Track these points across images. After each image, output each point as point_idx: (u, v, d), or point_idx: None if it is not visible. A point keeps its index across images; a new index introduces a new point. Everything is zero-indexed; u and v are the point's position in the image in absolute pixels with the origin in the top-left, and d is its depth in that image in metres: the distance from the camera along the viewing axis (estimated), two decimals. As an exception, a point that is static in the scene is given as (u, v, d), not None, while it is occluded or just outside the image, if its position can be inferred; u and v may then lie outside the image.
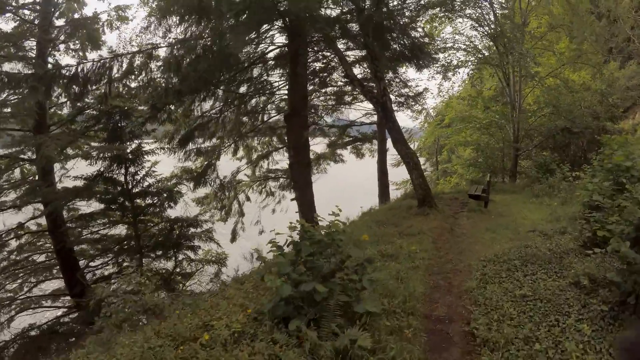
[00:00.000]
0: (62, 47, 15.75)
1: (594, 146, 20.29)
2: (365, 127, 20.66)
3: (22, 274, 15.54)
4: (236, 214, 19.52)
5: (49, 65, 14.26)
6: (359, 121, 20.31)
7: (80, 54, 16.01)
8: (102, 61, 12.42)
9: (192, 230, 17.02)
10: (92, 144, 16.82)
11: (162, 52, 13.60)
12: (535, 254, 7.37)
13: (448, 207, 13.23)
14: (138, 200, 15.94)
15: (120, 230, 16.78)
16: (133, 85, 14.75)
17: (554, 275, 6.39)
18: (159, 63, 12.90)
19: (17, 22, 14.65)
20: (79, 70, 12.36)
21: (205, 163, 16.69)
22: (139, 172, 15.52)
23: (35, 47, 14.49)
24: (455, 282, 7.02)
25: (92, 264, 16.56)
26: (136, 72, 13.00)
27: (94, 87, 13.29)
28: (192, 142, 15.85)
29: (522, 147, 19.98)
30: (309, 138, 16.63)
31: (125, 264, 16.23)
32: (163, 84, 13.12)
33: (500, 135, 20.76)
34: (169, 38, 12.73)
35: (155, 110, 13.67)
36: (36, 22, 14.73)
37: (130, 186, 15.26)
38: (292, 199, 16.87)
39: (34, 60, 13.93)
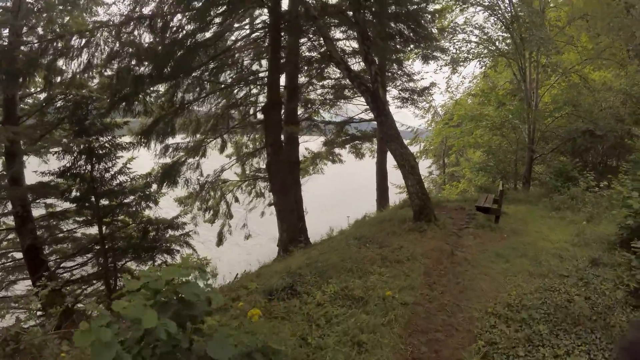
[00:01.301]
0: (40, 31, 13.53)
1: (614, 151, 17.54)
2: (365, 125, 17.94)
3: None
4: (223, 215, 17.08)
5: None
6: (357, 117, 17.59)
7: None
8: (42, 43, 10.01)
9: (171, 232, 14.75)
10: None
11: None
12: (568, 310, 4.72)
13: (451, 221, 10.47)
14: (108, 200, 13.66)
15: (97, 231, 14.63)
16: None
17: (601, 357, 3.77)
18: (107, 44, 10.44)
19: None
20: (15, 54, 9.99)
21: (173, 160, 14.12)
22: (110, 169, 13.22)
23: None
24: (446, 352, 4.43)
25: (68, 264, 14.37)
26: (72, 55, 10.48)
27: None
28: (157, 136, 13.35)
29: (537, 151, 17.09)
30: (299, 135, 14.15)
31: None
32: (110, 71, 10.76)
33: (514, 136, 17.87)
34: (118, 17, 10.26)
35: (115, 101, 11.30)
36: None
37: (96, 184, 12.93)
38: (269, 204, 14.43)
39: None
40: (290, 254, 8.92)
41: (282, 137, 13.47)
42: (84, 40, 10.02)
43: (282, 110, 13.43)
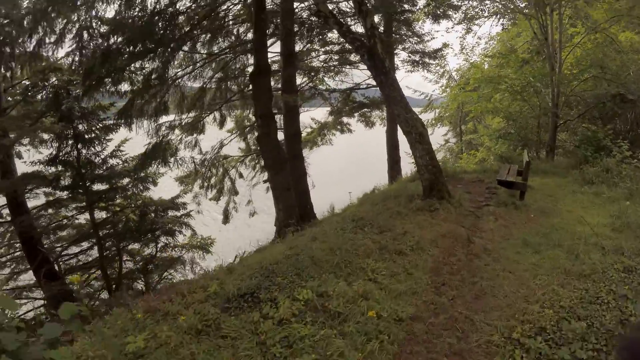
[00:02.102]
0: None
1: (644, 118, 15.32)
2: (373, 91, 15.99)
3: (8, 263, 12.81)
4: (228, 192, 15.73)
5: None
6: (364, 84, 15.69)
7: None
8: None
9: (172, 213, 13.58)
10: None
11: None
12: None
13: (468, 197, 8.74)
14: (103, 185, 12.51)
15: (98, 215, 13.53)
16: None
17: None
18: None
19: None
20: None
21: (157, 141, 12.58)
22: (99, 153, 12.07)
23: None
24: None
25: (74, 251, 13.41)
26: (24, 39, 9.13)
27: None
28: (149, 116, 11.94)
29: (562, 117, 14.99)
30: (299, 104, 12.59)
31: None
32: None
33: (536, 101, 15.72)
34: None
35: (91, 84, 9.90)
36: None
37: (84, 170, 11.80)
38: (264, 181, 12.97)
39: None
40: (277, 240, 7.44)
41: (282, 106, 11.96)
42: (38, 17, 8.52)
43: (278, 79, 11.88)
